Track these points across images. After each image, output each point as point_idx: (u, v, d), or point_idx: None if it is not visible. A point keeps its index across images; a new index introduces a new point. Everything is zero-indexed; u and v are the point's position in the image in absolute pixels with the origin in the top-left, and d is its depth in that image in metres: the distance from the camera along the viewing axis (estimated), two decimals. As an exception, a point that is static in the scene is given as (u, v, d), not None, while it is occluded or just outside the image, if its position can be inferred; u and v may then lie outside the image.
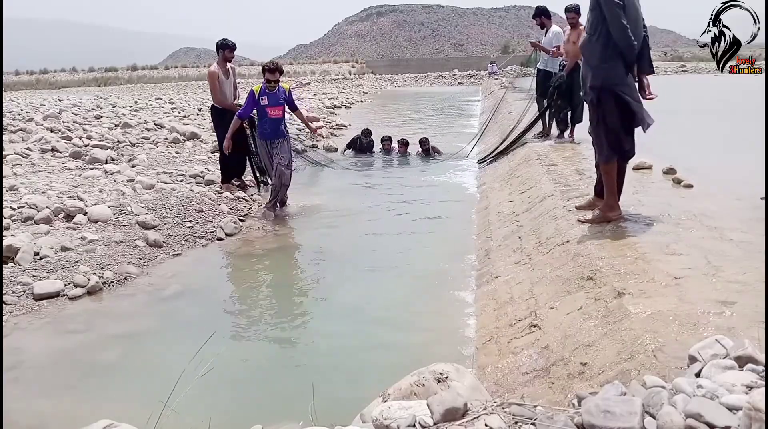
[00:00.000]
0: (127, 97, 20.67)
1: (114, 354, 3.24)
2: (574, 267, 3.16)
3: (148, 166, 7.53)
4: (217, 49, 6.75)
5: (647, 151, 5.24)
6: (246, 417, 2.40)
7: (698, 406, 1.34)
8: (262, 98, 5.86)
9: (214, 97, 6.81)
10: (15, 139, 8.67)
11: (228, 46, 6.68)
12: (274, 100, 5.90)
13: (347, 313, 3.73)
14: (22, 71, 51.94)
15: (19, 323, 3.56)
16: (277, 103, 5.93)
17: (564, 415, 1.48)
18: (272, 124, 5.99)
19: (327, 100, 21.22)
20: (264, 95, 5.87)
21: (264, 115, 5.96)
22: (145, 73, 44.12)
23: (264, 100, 5.87)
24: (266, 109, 5.91)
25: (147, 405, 1.92)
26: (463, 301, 3.77)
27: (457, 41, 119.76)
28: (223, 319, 3.74)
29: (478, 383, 1.92)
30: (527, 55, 15.82)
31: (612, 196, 3.70)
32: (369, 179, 8.32)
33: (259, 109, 5.95)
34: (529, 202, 5.03)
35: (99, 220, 5.06)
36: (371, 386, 2.19)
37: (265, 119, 5.97)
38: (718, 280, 2.60)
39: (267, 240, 5.38)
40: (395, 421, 1.51)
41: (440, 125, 15.02)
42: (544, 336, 2.69)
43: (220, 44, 6.71)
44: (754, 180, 4.30)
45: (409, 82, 42.79)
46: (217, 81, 6.64)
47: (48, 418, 2.63)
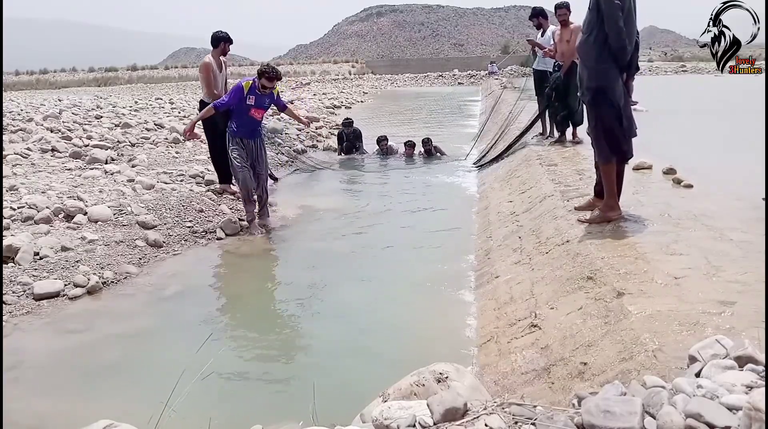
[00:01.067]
0: (127, 97, 20.68)
1: (114, 354, 3.24)
2: (574, 267, 3.16)
3: (148, 166, 7.52)
4: (217, 41, 6.39)
5: (647, 151, 5.24)
6: (246, 417, 2.40)
7: (698, 406, 1.34)
8: (249, 97, 5.43)
9: (207, 91, 6.37)
10: (15, 139, 8.66)
11: (230, 39, 6.43)
12: (261, 102, 5.51)
13: (347, 313, 3.73)
14: (22, 71, 51.95)
15: (19, 323, 3.56)
16: (263, 106, 5.56)
17: (564, 415, 1.48)
18: (251, 124, 5.58)
19: (327, 100, 21.22)
20: (252, 95, 5.44)
21: (244, 113, 5.48)
22: (145, 73, 44.11)
23: (251, 100, 5.44)
24: (250, 109, 5.49)
25: (147, 405, 1.92)
26: (463, 301, 3.77)
27: (457, 41, 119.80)
28: (223, 319, 3.74)
29: (478, 383, 1.92)
30: (526, 54, 15.83)
31: (612, 196, 3.70)
32: (368, 180, 8.31)
33: (242, 107, 5.46)
34: (529, 202, 5.03)
35: (99, 220, 5.06)
36: (371, 386, 2.19)
37: (244, 117, 5.50)
38: (718, 280, 2.60)
39: (267, 240, 5.38)
40: (395, 421, 1.51)
41: (440, 125, 15.02)
42: (544, 336, 2.69)
43: (222, 36, 6.37)
44: (754, 180, 4.31)
45: (409, 82, 42.79)
46: (212, 74, 6.32)
47: (48, 418, 2.63)
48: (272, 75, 5.39)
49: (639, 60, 3.73)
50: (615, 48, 3.43)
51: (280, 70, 5.58)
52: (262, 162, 5.72)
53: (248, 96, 5.41)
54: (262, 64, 5.70)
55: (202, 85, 6.60)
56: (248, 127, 5.55)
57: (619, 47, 3.42)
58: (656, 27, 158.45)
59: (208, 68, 6.34)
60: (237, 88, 5.43)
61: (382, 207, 6.56)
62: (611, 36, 3.40)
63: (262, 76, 5.38)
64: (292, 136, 10.85)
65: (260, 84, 5.40)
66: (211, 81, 6.33)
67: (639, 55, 3.70)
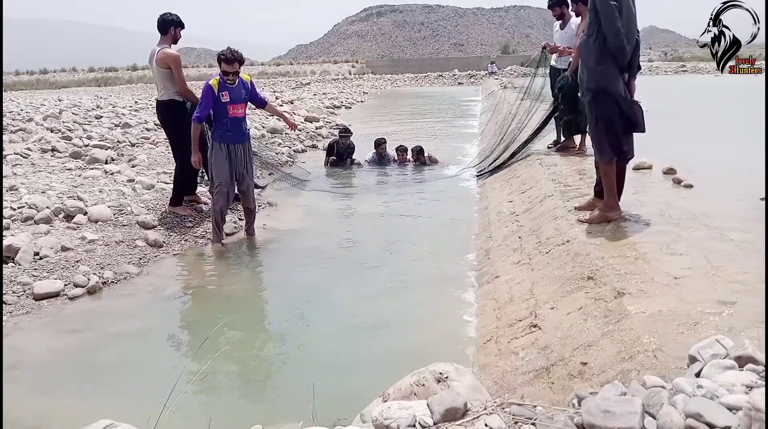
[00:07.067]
0: (127, 97, 20.66)
1: (114, 354, 3.24)
2: (574, 267, 3.16)
3: (148, 166, 7.52)
4: (165, 25, 5.42)
5: (647, 151, 5.24)
6: (246, 417, 2.41)
7: (698, 406, 1.34)
8: (223, 94, 4.88)
9: (179, 86, 5.42)
10: (15, 139, 8.66)
11: (181, 23, 5.53)
12: (237, 95, 4.95)
13: (347, 313, 3.73)
14: (22, 71, 51.88)
15: (19, 323, 3.56)
16: (240, 98, 5.00)
17: (564, 415, 1.48)
18: (235, 125, 5.01)
19: (327, 100, 21.22)
20: (224, 90, 4.89)
21: (224, 114, 4.94)
22: (145, 73, 44.00)
23: (224, 96, 4.89)
24: (227, 107, 4.92)
25: (147, 405, 1.92)
26: (463, 301, 3.77)
27: (457, 41, 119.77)
28: (223, 319, 3.74)
29: (478, 383, 1.92)
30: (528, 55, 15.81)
31: (612, 196, 3.70)
32: (365, 181, 8.28)
33: (219, 108, 4.92)
34: (529, 202, 5.03)
35: (99, 220, 5.06)
36: (371, 386, 2.19)
37: (225, 119, 4.95)
38: (718, 280, 2.60)
39: (266, 240, 5.38)
40: (395, 421, 1.51)
41: (440, 125, 15.01)
42: (544, 336, 2.69)
43: (172, 20, 5.45)
44: (754, 180, 4.31)
45: (409, 82, 42.77)
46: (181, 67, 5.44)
47: (48, 418, 2.63)
48: (229, 56, 4.83)
49: (639, 60, 3.73)
50: (613, 48, 3.43)
51: (239, 52, 4.94)
52: (250, 170, 5.27)
53: (221, 93, 4.89)
54: (218, 54, 5.01)
55: (163, 83, 5.45)
56: (233, 129, 5.02)
57: (616, 47, 3.43)
58: (656, 27, 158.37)
59: (179, 60, 5.43)
60: (207, 90, 4.91)
61: (381, 207, 6.56)
62: (608, 36, 3.41)
63: (220, 61, 4.89)
64: (291, 136, 10.83)
65: (222, 72, 4.90)
66: (182, 75, 5.47)
67: (640, 54, 3.70)
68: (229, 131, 5.00)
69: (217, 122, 5.02)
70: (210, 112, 4.97)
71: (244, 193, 5.27)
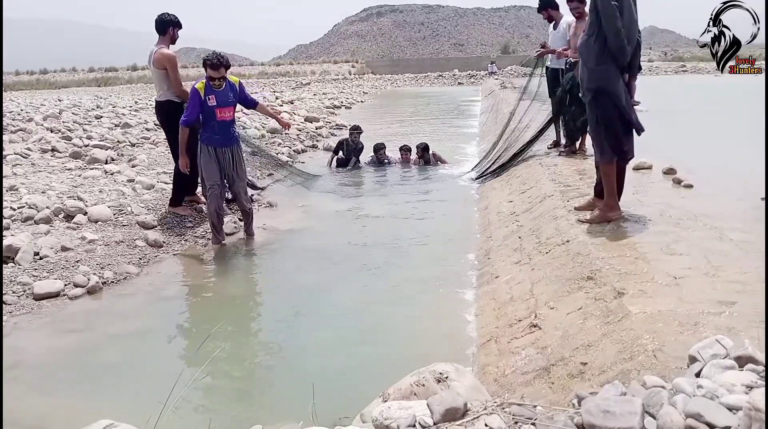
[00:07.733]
0: (127, 97, 20.64)
1: (114, 354, 3.24)
2: (574, 267, 3.16)
3: (148, 166, 7.52)
4: (163, 25, 5.41)
5: (647, 151, 5.24)
6: (246, 417, 2.41)
7: (698, 406, 1.34)
8: (209, 98, 4.83)
9: (175, 87, 5.38)
10: (15, 139, 8.66)
11: (179, 23, 5.53)
12: (224, 98, 4.91)
13: (347, 313, 3.73)
14: (22, 71, 51.86)
15: (19, 323, 3.56)
16: (227, 102, 4.94)
17: (564, 415, 1.48)
18: (222, 128, 4.96)
19: (327, 100, 21.21)
20: (211, 94, 4.84)
21: (211, 118, 4.89)
22: (145, 73, 43.98)
23: (211, 100, 4.84)
24: (215, 111, 4.87)
25: (147, 405, 1.92)
26: (463, 301, 3.77)
27: (457, 41, 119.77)
28: (223, 319, 3.73)
29: (478, 383, 1.92)
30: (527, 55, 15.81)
31: (612, 196, 3.70)
32: (366, 181, 8.29)
33: (206, 111, 4.88)
34: (529, 202, 5.03)
35: (99, 220, 5.06)
36: (371, 386, 2.19)
37: (212, 123, 4.91)
38: (718, 280, 2.60)
39: (267, 240, 5.38)
40: (395, 421, 1.51)
41: (440, 125, 15.02)
42: (544, 336, 2.69)
43: (170, 20, 5.46)
44: (754, 180, 4.31)
45: (409, 82, 42.77)
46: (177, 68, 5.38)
47: (48, 418, 2.63)
48: (215, 62, 4.77)
49: (640, 60, 3.73)
50: (613, 48, 3.43)
51: (225, 56, 4.92)
52: (242, 173, 5.20)
53: (207, 97, 4.85)
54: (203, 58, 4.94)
55: (161, 83, 5.46)
56: (220, 132, 4.97)
57: (617, 47, 3.42)
58: (656, 27, 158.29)
59: (175, 61, 5.40)
60: (193, 93, 4.86)
61: (380, 207, 6.56)
62: (609, 36, 3.40)
63: (206, 67, 4.82)
64: (291, 136, 10.83)
65: (208, 77, 4.83)
66: (179, 77, 5.43)
67: (641, 54, 3.69)
68: (216, 135, 4.97)
69: (205, 125, 4.99)
70: (198, 115, 4.94)
71: (236, 195, 5.26)
